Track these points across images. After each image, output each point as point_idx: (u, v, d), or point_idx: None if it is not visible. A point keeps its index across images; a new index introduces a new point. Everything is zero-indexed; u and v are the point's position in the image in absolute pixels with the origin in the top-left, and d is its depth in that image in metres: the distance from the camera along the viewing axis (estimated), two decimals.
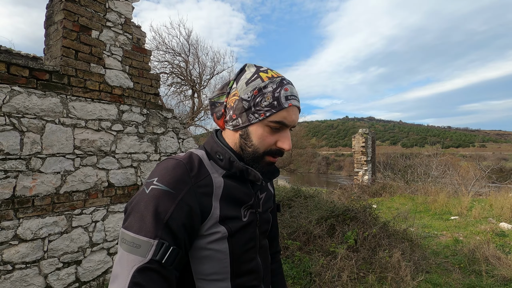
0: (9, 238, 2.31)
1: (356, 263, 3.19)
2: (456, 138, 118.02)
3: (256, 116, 0.69)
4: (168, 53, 11.91)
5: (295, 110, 0.71)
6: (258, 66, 0.75)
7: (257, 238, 0.75)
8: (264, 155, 0.71)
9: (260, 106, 0.69)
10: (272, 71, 0.73)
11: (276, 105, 0.68)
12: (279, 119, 0.68)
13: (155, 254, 0.56)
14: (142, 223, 0.58)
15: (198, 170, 0.68)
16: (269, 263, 0.84)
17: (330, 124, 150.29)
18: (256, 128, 0.70)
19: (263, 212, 0.80)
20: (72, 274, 2.70)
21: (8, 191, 2.31)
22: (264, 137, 0.70)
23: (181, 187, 0.62)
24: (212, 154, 0.73)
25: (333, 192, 9.59)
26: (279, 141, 0.71)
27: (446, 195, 7.89)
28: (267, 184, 0.89)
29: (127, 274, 0.55)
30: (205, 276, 0.68)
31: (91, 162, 2.85)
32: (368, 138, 12.77)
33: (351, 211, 4.16)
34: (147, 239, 0.56)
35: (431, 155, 13.30)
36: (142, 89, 3.35)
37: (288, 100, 0.69)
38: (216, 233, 0.66)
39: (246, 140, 0.71)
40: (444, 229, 5.35)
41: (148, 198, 0.60)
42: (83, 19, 2.81)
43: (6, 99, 2.31)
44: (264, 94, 0.69)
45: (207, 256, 0.66)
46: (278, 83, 0.70)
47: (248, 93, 0.70)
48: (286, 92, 0.69)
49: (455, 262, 3.72)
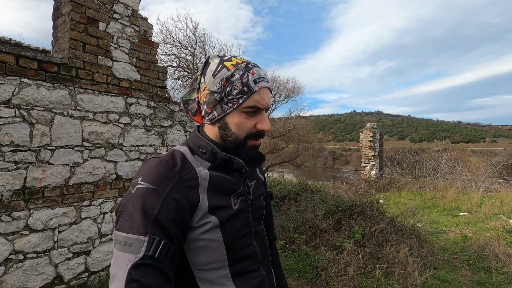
0: (21, 228, 2.36)
1: (363, 258, 3.17)
2: (466, 133, 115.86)
3: (230, 105, 0.71)
4: (175, 46, 11.89)
5: (266, 91, 0.73)
6: (221, 55, 0.76)
7: (251, 224, 0.77)
8: (246, 140, 0.73)
9: (232, 95, 0.70)
10: (236, 58, 0.74)
11: (247, 90, 0.69)
12: (252, 103, 0.70)
13: (148, 249, 0.57)
14: (131, 222, 0.60)
15: (181, 165, 0.69)
16: (267, 247, 0.86)
17: (337, 119, 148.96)
18: (232, 117, 0.72)
19: (254, 199, 0.82)
20: (82, 264, 2.75)
21: (19, 182, 2.35)
22: (242, 123, 0.72)
23: (166, 183, 0.64)
24: (195, 149, 0.75)
25: (339, 187, 9.54)
26: (258, 123, 0.73)
27: (455, 191, 7.77)
28: (257, 172, 0.91)
29: (123, 272, 0.56)
30: (203, 266, 0.69)
31: (99, 155, 2.88)
32: (376, 132, 12.61)
33: (358, 206, 4.12)
34: (138, 236, 0.58)
35: (440, 150, 13.08)
36: (149, 81, 3.34)
37: (257, 83, 0.70)
38: (208, 223, 0.67)
39: (226, 131, 0.73)
40: (452, 225, 5.28)
41: (135, 198, 0.62)
42: (90, 11, 2.80)
43: (15, 91, 2.33)
44: (233, 82, 0.70)
45: (202, 246, 0.68)
46: (243, 68, 0.71)
47: (217, 84, 0.71)
48: (253, 76, 0.70)
49: (463, 258, 3.67)
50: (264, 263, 0.82)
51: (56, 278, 2.57)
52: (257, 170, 0.93)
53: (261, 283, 0.77)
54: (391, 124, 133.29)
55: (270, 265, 0.86)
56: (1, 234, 2.26)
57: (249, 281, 0.74)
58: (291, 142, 18.02)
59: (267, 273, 0.82)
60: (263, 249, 0.82)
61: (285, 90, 16.80)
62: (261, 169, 0.96)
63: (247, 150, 0.74)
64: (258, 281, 0.77)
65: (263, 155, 0.86)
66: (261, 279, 0.78)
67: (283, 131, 16.51)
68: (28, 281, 2.39)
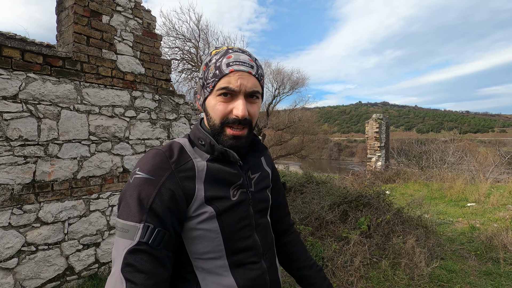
0: (32, 220, 2.41)
1: (369, 249, 3.18)
2: (474, 123, 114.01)
3: (208, 89, 0.73)
4: (179, 39, 11.83)
5: (242, 74, 0.70)
6: (218, 46, 0.81)
7: (251, 216, 0.77)
8: (222, 126, 0.72)
9: (208, 79, 0.72)
10: (229, 46, 0.76)
11: (218, 73, 0.70)
12: (223, 85, 0.70)
13: (142, 236, 0.60)
14: (128, 210, 0.63)
15: (178, 156, 0.71)
16: (272, 240, 0.85)
17: (343, 110, 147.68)
18: (209, 101, 0.73)
19: (256, 191, 0.81)
20: (92, 255, 2.81)
21: (28, 176, 2.39)
22: (216, 106, 0.71)
23: (161, 173, 0.66)
24: (195, 141, 0.76)
25: (345, 178, 9.51)
26: (234, 108, 0.71)
27: (463, 181, 7.68)
28: (262, 164, 0.89)
29: (120, 256, 0.59)
30: (200, 255, 0.70)
31: (106, 148, 2.90)
32: (382, 123, 12.48)
33: (364, 197, 4.11)
34: (134, 223, 0.61)
35: (448, 141, 12.92)
36: (154, 74, 3.34)
37: (230, 66, 0.70)
38: (204, 213, 0.68)
39: (207, 116, 0.75)
40: (460, 216, 5.24)
41: (132, 187, 0.65)
42: (93, 4, 2.78)
43: (22, 86, 2.35)
44: (209, 67, 0.72)
45: (198, 236, 0.69)
46: (222, 53, 0.72)
47: (201, 70, 0.75)
48: (228, 60, 0.70)
49: (471, 249, 3.65)
50: (266, 256, 0.80)
51: (68, 269, 2.63)
52: (264, 162, 0.91)
53: (260, 276, 0.76)
54: (397, 114, 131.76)
55: (274, 258, 0.85)
56: (13, 226, 2.32)
57: (248, 272, 0.74)
58: (296, 134, 17.96)
59: (268, 266, 0.80)
60: (265, 242, 0.81)
61: (290, 81, 16.67)
62: (269, 161, 0.94)
63: (225, 139, 0.72)
64: (258, 273, 0.76)
65: (265, 147, 0.85)
66: (260, 272, 0.77)
67: (288, 123, 16.44)
68: (40, 272, 2.45)
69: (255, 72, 0.73)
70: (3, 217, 2.26)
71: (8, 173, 2.29)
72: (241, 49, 0.75)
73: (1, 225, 2.26)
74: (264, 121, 14.98)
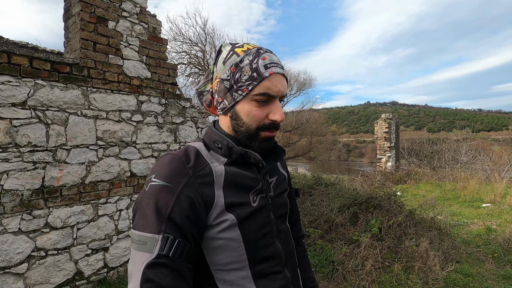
0: (41, 226, 2.43)
1: (381, 252, 3.09)
2: (487, 122, 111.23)
3: (240, 93, 0.67)
4: (185, 43, 11.94)
5: (279, 78, 0.67)
6: (234, 43, 0.72)
7: (272, 222, 0.73)
8: (258, 131, 0.69)
9: (241, 81, 0.66)
10: (249, 44, 0.70)
11: (256, 76, 0.65)
12: (263, 90, 0.65)
13: (162, 248, 0.56)
14: (145, 221, 0.59)
15: (195, 161, 0.67)
16: (293, 247, 0.81)
17: (351, 110, 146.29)
18: (242, 106, 0.68)
19: (275, 195, 0.77)
20: (101, 260, 2.81)
21: (37, 182, 2.41)
22: (253, 112, 0.67)
23: (179, 180, 0.62)
24: (211, 144, 0.72)
25: (354, 180, 9.37)
26: (270, 113, 0.68)
27: (477, 181, 7.46)
28: (278, 167, 0.86)
29: (139, 271, 0.55)
30: (222, 266, 0.66)
31: (113, 153, 2.92)
32: (392, 123, 12.28)
33: (375, 198, 4.02)
34: (152, 235, 0.57)
35: (460, 140, 12.60)
36: (160, 79, 3.35)
37: (268, 69, 0.65)
38: (225, 221, 0.64)
39: (237, 120, 0.69)
40: (475, 217, 5.08)
41: (148, 196, 0.61)
42: (100, 10, 2.81)
43: (30, 93, 2.38)
44: (242, 68, 0.66)
45: (220, 246, 0.65)
46: (254, 54, 0.67)
47: (227, 71, 0.68)
48: (264, 61, 0.66)
49: (488, 251, 3.52)
50: (289, 265, 0.76)
51: (77, 274, 2.64)
52: (279, 165, 0.87)
53: (284, 286, 0.72)
54: (407, 114, 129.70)
55: (295, 266, 0.80)
56: (23, 232, 2.34)
57: (272, 283, 0.70)
58: (304, 136, 17.86)
59: (292, 275, 0.76)
60: (287, 249, 0.76)
61: (297, 83, 16.61)
62: (284, 164, 0.91)
63: (260, 142, 0.70)
64: (282, 283, 0.71)
65: (283, 149, 0.80)
66: (285, 282, 0.72)
67: (295, 124, 16.36)
68: (50, 277, 2.47)
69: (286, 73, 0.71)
70: (13, 222, 2.29)
71: (18, 179, 2.31)
72: (268, 49, 0.71)
73: (12, 230, 2.28)
74: None
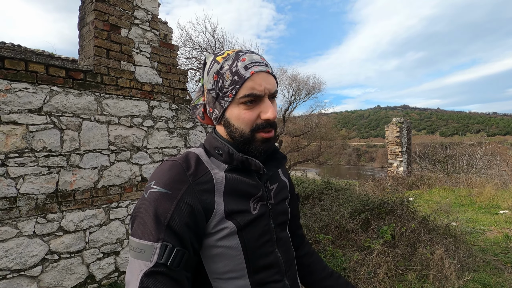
0: (55, 229, 2.48)
1: (394, 260, 3.02)
2: (503, 125, 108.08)
3: (226, 99, 0.66)
4: (195, 49, 12.10)
5: (263, 76, 0.66)
6: (217, 52, 0.72)
7: (272, 230, 0.72)
8: (253, 133, 0.67)
9: (225, 88, 0.66)
10: (230, 50, 0.70)
11: (238, 79, 0.64)
12: (247, 91, 0.64)
13: (160, 257, 0.55)
14: (144, 228, 0.58)
15: (196, 168, 0.66)
16: (293, 255, 0.80)
17: (361, 114, 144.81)
18: (231, 111, 0.67)
19: (276, 203, 0.76)
20: (112, 264, 2.84)
21: (52, 186, 2.47)
22: (242, 115, 0.66)
23: (179, 187, 0.61)
24: (211, 150, 0.72)
25: (365, 185, 9.23)
26: (261, 112, 0.66)
27: (494, 187, 7.23)
28: (279, 174, 0.85)
29: (136, 279, 0.55)
30: (221, 275, 0.65)
31: (125, 158, 2.96)
32: (403, 127, 12.09)
33: (387, 204, 3.94)
34: (150, 243, 0.56)
35: (475, 144, 12.28)
36: (171, 84, 3.39)
37: (249, 69, 0.65)
38: (224, 229, 0.64)
39: (230, 127, 0.69)
40: (492, 224, 4.91)
41: (147, 203, 0.60)
42: (113, 18, 2.88)
43: (46, 99, 2.45)
44: (223, 74, 0.66)
45: (219, 254, 0.64)
46: (233, 57, 0.67)
47: (211, 81, 0.68)
48: (243, 62, 0.65)
49: (507, 260, 3.39)
50: (288, 273, 0.75)
51: (89, 278, 2.67)
52: (280, 172, 0.86)
53: None
54: (418, 118, 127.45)
55: (295, 275, 0.80)
56: (38, 235, 2.38)
57: None
58: (313, 140, 17.75)
59: (291, 285, 0.75)
60: (287, 258, 0.76)
61: (306, 87, 16.57)
62: (285, 170, 0.90)
63: (258, 144, 0.68)
64: None
65: (284, 155, 0.80)
66: None
67: (304, 129, 16.29)
68: (63, 280, 2.50)
69: (271, 70, 0.69)
70: (28, 226, 2.34)
71: (33, 183, 2.37)
72: (249, 50, 0.71)
73: (27, 233, 2.33)
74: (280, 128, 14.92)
